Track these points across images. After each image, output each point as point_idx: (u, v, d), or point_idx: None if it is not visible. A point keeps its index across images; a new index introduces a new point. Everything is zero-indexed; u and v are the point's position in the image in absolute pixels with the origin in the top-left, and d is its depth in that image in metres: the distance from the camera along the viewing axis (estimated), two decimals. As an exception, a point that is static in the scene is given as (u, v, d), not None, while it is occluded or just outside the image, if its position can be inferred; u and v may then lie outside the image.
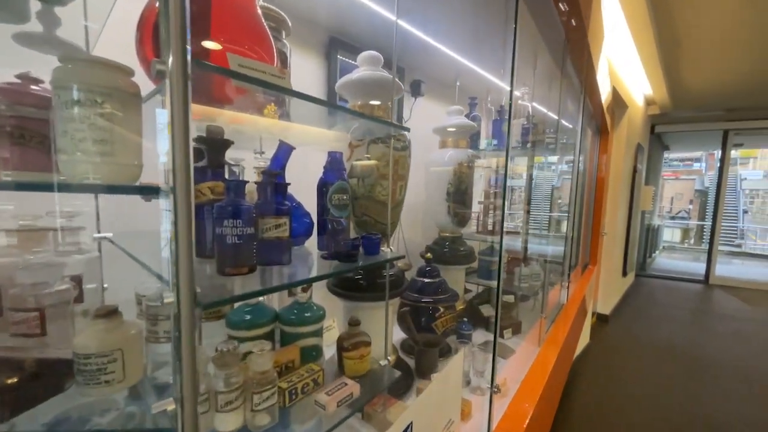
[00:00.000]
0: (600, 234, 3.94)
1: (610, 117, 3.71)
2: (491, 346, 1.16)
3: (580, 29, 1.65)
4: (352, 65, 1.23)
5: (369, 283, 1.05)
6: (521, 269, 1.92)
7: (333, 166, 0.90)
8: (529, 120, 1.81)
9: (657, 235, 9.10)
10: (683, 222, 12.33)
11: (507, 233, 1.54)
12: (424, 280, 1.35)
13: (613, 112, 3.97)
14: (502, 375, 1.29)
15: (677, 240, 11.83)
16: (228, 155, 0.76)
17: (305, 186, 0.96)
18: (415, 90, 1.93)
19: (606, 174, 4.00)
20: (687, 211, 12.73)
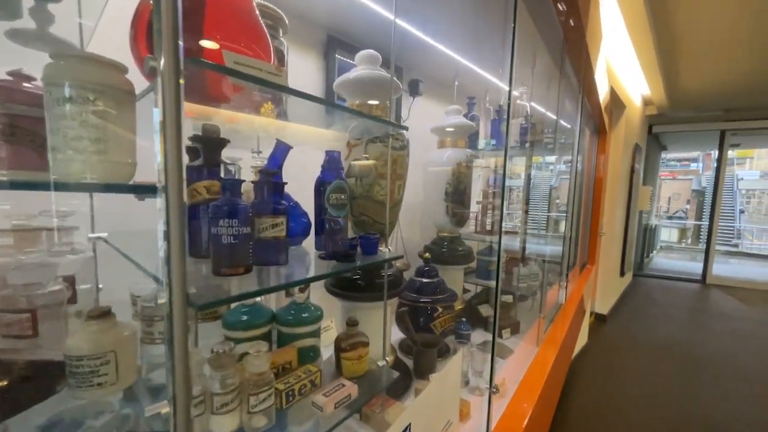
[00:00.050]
0: (598, 234, 3.95)
1: (608, 117, 3.72)
2: (490, 346, 1.16)
3: (578, 29, 1.65)
4: (350, 64, 1.23)
5: (367, 283, 1.04)
6: (520, 269, 1.92)
7: (331, 165, 0.89)
8: (528, 120, 1.81)
9: (654, 235, 9.14)
10: (680, 222, 12.39)
11: (505, 233, 1.53)
12: (422, 280, 1.35)
13: (611, 112, 3.98)
14: (500, 375, 1.29)
15: (674, 240, 11.89)
16: (225, 154, 0.76)
17: (303, 185, 0.95)
18: (414, 89, 1.93)
19: (604, 174, 4.01)
20: (684, 211, 12.81)
